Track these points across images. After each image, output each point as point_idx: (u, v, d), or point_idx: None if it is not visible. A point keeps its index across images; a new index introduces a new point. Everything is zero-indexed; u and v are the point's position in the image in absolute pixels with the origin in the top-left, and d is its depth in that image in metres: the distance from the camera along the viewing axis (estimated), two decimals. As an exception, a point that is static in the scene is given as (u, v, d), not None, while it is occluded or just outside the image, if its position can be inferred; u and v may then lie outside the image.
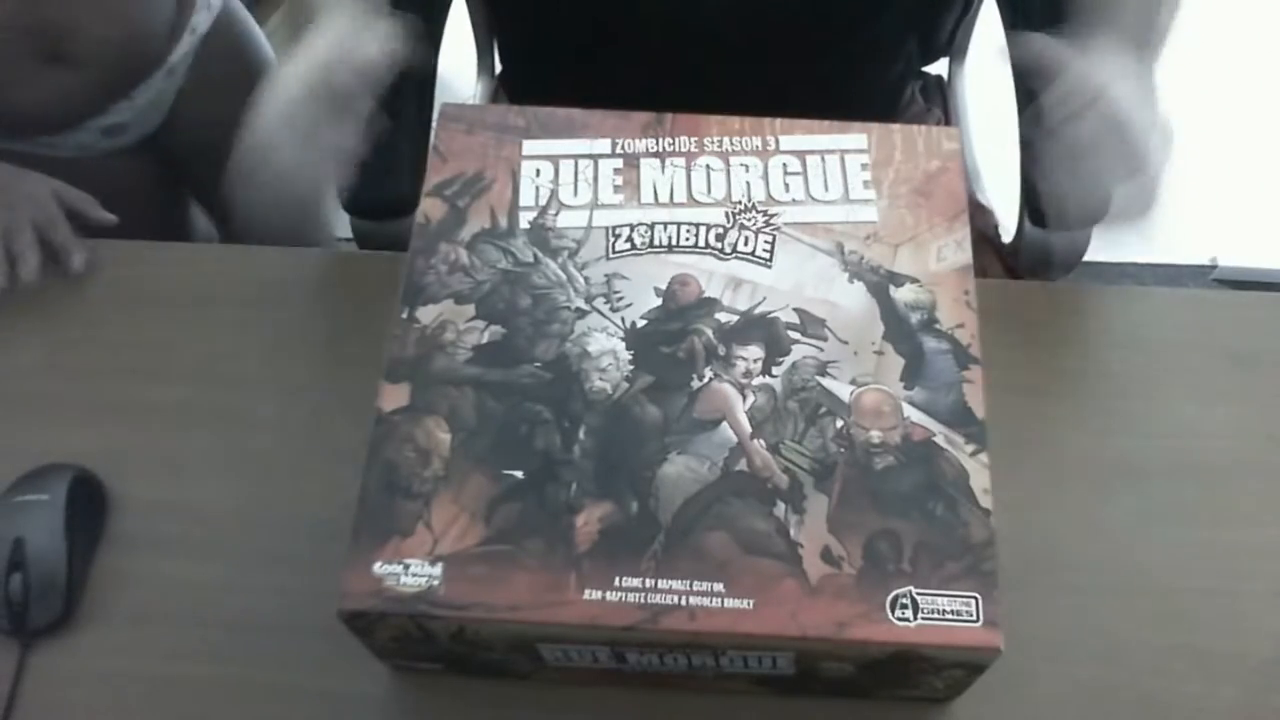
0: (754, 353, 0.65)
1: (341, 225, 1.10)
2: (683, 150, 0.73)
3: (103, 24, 1.08)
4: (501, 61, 1.33)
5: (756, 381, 0.65)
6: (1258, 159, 2.03)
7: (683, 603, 0.58)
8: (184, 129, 1.25)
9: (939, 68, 1.34)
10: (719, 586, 0.58)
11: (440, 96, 1.11)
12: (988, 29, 1.00)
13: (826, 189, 0.71)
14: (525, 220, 0.70)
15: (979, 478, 0.61)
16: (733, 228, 0.70)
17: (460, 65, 1.35)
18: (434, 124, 0.97)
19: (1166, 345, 0.86)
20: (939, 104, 1.29)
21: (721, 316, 0.67)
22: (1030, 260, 1.00)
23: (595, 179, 0.72)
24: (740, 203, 0.71)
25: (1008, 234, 1.21)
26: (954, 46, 1.31)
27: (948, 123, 1.27)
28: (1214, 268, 1.97)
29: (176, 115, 1.24)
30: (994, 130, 0.90)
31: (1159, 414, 0.82)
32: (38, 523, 0.75)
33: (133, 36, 1.13)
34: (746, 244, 0.69)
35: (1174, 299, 0.95)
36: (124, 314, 0.89)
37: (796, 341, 0.66)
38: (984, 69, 1.22)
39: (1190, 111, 2.02)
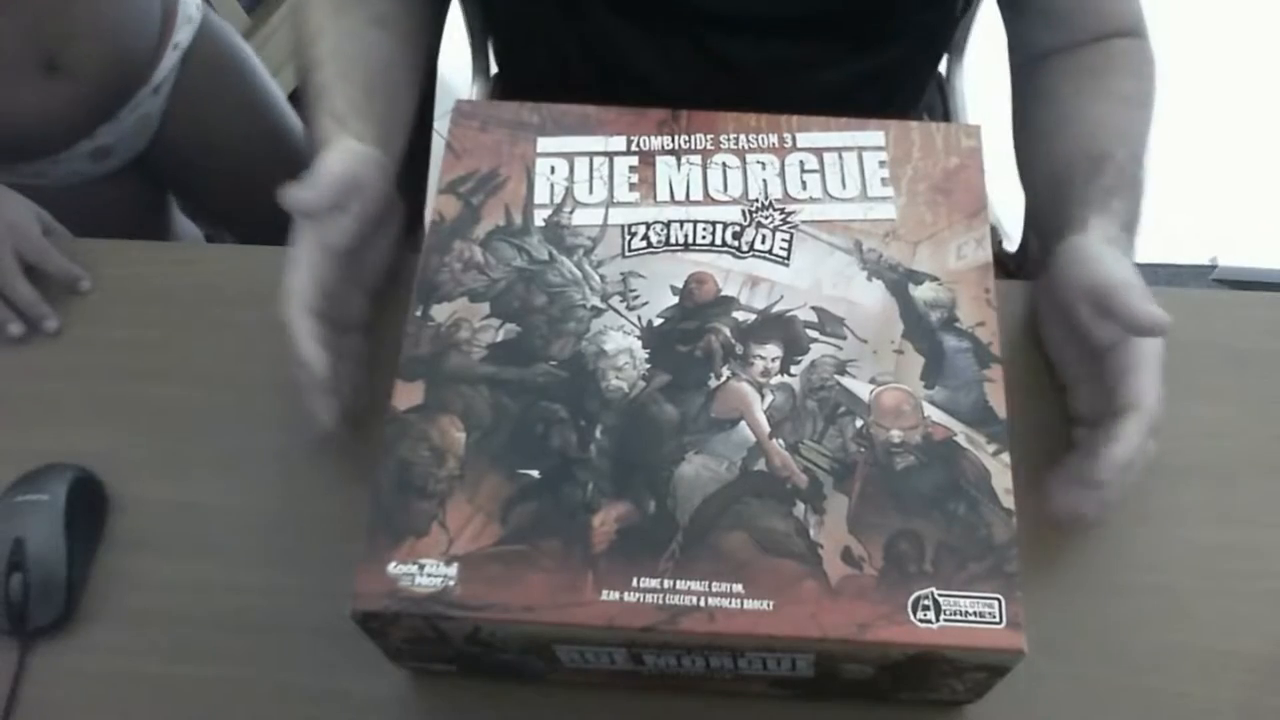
0: (772, 351, 0.65)
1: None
2: (698, 147, 0.72)
3: (95, 32, 1.07)
4: (498, 64, 1.32)
5: (775, 380, 0.64)
6: (1258, 159, 2.04)
7: (701, 603, 0.57)
8: (171, 147, 1.24)
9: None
10: (738, 587, 0.58)
11: (440, 96, 1.11)
12: (987, 25, 0.99)
13: (844, 186, 0.71)
14: (540, 218, 0.70)
15: (1001, 478, 0.61)
16: (750, 226, 0.69)
17: (459, 66, 1.35)
18: (434, 124, 0.97)
19: (1166, 345, 0.85)
20: (939, 101, 1.29)
21: (739, 315, 0.66)
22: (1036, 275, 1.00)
23: (610, 177, 0.71)
24: (757, 200, 0.70)
25: (1008, 240, 1.21)
26: (953, 43, 1.30)
27: (947, 121, 1.27)
28: (1214, 268, 1.98)
29: (163, 135, 1.23)
30: (995, 128, 0.89)
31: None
32: (38, 523, 0.74)
33: (122, 47, 1.12)
34: (764, 242, 0.69)
35: (1174, 299, 0.95)
36: (124, 314, 0.88)
37: (815, 340, 0.65)
38: (983, 66, 1.22)
39: (1190, 111, 2.05)
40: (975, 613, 0.57)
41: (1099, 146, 0.81)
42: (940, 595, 0.58)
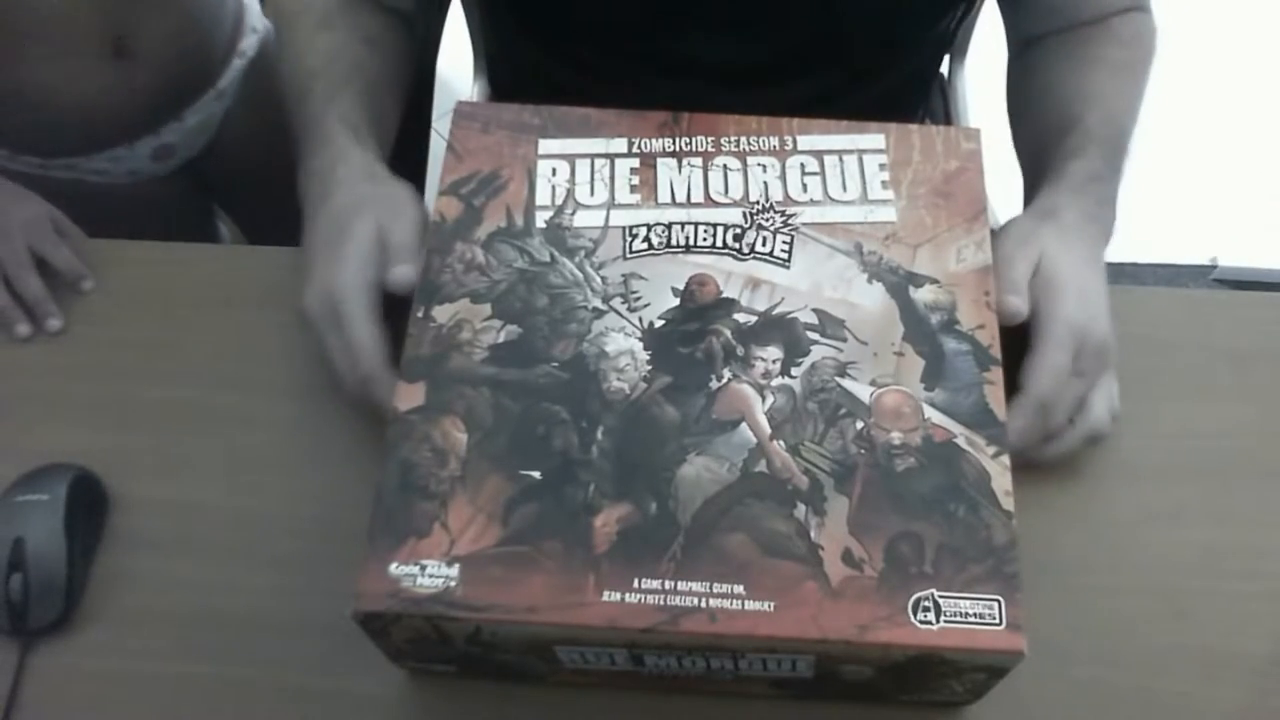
0: (773, 353, 0.65)
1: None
2: (699, 150, 0.72)
3: (165, 19, 1.10)
4: (488, 67, 1.32)
5: (775, 382, 0.64)
6: (1258, 159, 2.05)
7: (703, 604, 0.58)
8: (228, 153, 1.26)
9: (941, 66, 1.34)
10: (739, 588, 0.58)
11: (440, 97, 1.11)
12: (989, 27, 0.99)
13: (845, 189, 0.71)
14: (541, 219, 0.70)
15: (1000, 480, 0.61)
16: (750, 228, 0.69)
17: (459, 66, 1.35)
18: (433, 124, 0.97)
19: (1166, 345, 0.86)
20: (940, 103, 1.29)
21: (740, 317, 0.66)
22: None
23: (611, 178, 0.71)
24: (758, 203, 0.70)
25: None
26: (955, 45, 1.30)
27: (948, 122, 1.27)
28: (1214, 268, 1.99)
29: (221, 139, 1.25)
30: (995, 130, 0.89)
31: (1159, 414, 0.82)
32: (38, 523, 0.74)
33: (192, 41, 1.14)
34: (764, 244, 0.69)
35: (1174, 299, 0.95)
36: (124, 314, 0.88)
37: (815, 342, 0.66)
38: (985, 67, 1.22)
39: (1191, 110, 2.05)
40: (975, 614, 0.58)
41: (1070, 111, 0.82)
42: (940, 597, 0.58)
